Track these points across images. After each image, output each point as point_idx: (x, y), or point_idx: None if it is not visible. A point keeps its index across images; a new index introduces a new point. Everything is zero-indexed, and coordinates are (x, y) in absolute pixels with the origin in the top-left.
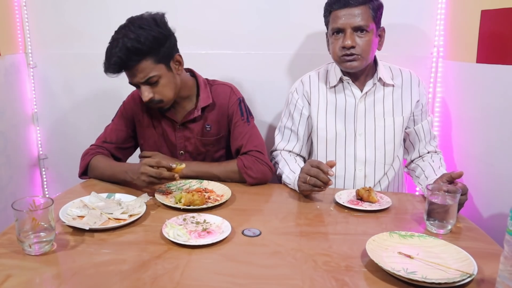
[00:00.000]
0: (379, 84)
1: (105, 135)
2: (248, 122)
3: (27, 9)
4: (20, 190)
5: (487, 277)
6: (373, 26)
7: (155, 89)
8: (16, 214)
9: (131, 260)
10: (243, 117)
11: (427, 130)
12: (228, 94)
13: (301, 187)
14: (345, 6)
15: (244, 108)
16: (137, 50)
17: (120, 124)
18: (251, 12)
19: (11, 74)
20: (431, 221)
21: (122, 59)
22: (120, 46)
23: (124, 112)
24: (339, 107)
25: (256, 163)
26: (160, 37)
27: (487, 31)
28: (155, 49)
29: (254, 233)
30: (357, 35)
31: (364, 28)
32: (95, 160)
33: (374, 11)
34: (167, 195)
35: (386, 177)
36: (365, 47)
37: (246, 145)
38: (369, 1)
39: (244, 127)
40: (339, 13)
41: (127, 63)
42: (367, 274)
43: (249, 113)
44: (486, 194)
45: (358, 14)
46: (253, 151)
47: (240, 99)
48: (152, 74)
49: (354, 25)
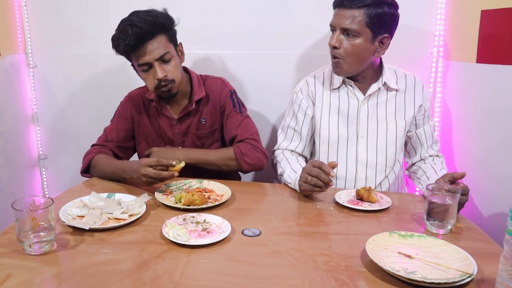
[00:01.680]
0: (383, 88)
1: (106, 134)
2: (241, 112)
3: (27, 9)
4: (20, 190)
5: (486, 277)
6: (366, 32)
7: (168, 68)
8: (16, 214)
9: (131, 260)
10: (235, 108)
11: (429, 134)
12: (219, 87)
13: (302, 186)
14: (339, 6)
15: (236, 99)
16: (155, 23)
17: (119, 123)
18: (251, 12)
19: (11, 74)
20: (431, 221)
21: (142, 29)
22: (140, 19)
23: (123, 112)
24: (342, 109)
25: (252, 150)
26: (169, 17)
27: (487, 31)
28: (168, 27)
29: (254, 233)
30: (345, 37)
31: (352, 32)
32: (97, 158)
33: (370, 17)
34: (167, 195)
35: (387, 180)
36: (349, 51)
37: (241, 134)
38: (364, 6)
39: (237, 117)
40: (335, 11)
41: (145, 36)
42: (366, 274)
43: (241, 104)
44: (486, 194)
45: (349, 17)
46: (249, 138)
47: (231, 91)
48: (167, 50)
49: (342, 26)
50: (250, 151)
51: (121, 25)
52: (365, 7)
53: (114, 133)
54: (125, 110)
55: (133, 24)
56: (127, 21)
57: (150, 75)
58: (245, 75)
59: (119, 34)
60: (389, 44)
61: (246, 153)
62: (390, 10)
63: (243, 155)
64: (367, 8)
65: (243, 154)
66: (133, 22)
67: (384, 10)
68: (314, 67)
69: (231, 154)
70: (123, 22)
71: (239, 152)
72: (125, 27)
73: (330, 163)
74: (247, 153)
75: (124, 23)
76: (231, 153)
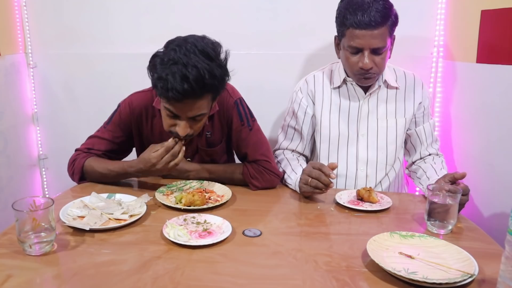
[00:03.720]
0: (383, 86)
1: (93, 143)
2: (250, 126)
3: (27, 9)
4: (20, 190)
5: (488, 278)
6: (389, 41)
7: (195, 125)
8: (17, 214)
9: (132, 260)
10: (242, 122)
11: (429, 132)
12: (224, 97)
13: (303, 188)
14: (365, 27)
15: (243, 110)
16: (209, 84)
17: (112, 133)
18: (251, 12)
19: (11, 74)
20: (432, 221)
21: (193, 89)
22: (196, 74)
23: (121, 123)
24: (342, 108)
25: (263, 173)
26: (226, 72)
27: (487, 31)
28: (220, 88)
29: (255, 233)
30: (375, 54)
31: (381, 49)
32: (89, 163)
33: (391, 27)
34: (167, 196)
35: (387, 178)
36: (382, 65)
37: (252, 154)
38: (387, 19)
39: (245, 133)
40: (357, 33)
41: (192, 95)
42: (367, 274)
43: (249, 115)
44: (486, 194)
45: (378, 36)
46: (260, 160)
47: (237, 101)
48: (204, 112)
49: (373, 47)
50: (260, 174)
51: (174, 62)
52: (388, 20)
53: (102, 145)
54: (123, 121)
55: (185, 77)
56: (182, 64)
57: (171, 121)
58: (245, 75)
59: (166, 76)
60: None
61: (255, 176)
62: (395, 10)
63: (251, 178)
64: (389, 19)
65: (251, 177)
66: (186, 74)
67: (395, 13)
68: (314, 67)
69: (238, 175)
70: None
71: (247, 174)
72: (176, 74)
73: (330, 164)
74: (256, 176)
75: (177, 66)
76: (239, 174)
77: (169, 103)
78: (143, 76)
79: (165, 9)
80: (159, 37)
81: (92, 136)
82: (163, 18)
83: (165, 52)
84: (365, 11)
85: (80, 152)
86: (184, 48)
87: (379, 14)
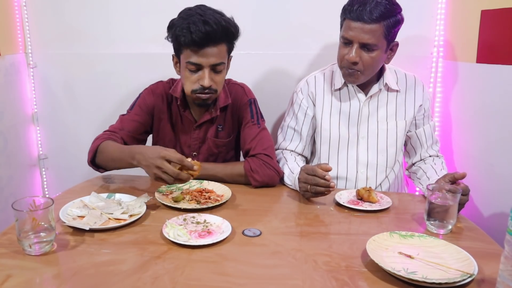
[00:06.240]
0: (384, 89)
1: (122, 124)
2: (259, 124)
3: (27, 9)
4: (20, 190)
5: (487, 277)
6: (383, 43)
7: (216, 78)
8: (16, 214)
9: (131, 260)
10: (253, 119)
11: (429, 134)
12: (239, 95)
13: (306, 195)
14: (358, 19)
15: (255, 109)
16: (226, 30)
17: (138, 115)
18: (251, 12)
19: (11, 74)
20: (432, 221)
21: (214, 31)
22: (215, 20)
23: (144, 106)
24: (343, 110)
25: (263, 166)
26: (237, 28)
27: (487, 31)
28: (234, 38)
29: (255, 233)
30: (364, 50)
31: (371, 46)
32: (104, 145)
33: (388, 28)
34: (167, 195)
35: (387, 180)
36: (368, 64)
37: (255, 148)
38: (384, 19)
39: (253, 129)
40: (351, 24)
41: (213, 39)
42: (367, 274)
43: (259, 115)
44: (486, 194)
45: (369, 31)
46: (261, 154)
47: (251, 100)
48: (223, 61)
49: (362, 41)
50: (261, 168)
51: (191, 15)
52: (384, 20)
53: (131, 124)
54: (146, 104)
55: (206, 22)
56: (200, 15)
57: (194, 77)
58: (245, 75)
59: (188, 24)
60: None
61: (256, 170)
62: (401, 16)
63: (252, 172)
64: (386, 20)
65: (252, 170)
66: (207, 19)
67: (398, 18)
68: (314, 67)
69: (240, 170)
70: (195, 14)
71: (248, 168)
72: (198, 21)
73: (322, 166)
74: (257, 169)
75: (197, 16)
76: (241, 169)
77: (193, 51)
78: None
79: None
80: (160, 37)
81: (120, 119)
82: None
83: (181, 13)
84: (365, 5)
85: (106, 132)
86: (197, 6)
87: (376, 11)
